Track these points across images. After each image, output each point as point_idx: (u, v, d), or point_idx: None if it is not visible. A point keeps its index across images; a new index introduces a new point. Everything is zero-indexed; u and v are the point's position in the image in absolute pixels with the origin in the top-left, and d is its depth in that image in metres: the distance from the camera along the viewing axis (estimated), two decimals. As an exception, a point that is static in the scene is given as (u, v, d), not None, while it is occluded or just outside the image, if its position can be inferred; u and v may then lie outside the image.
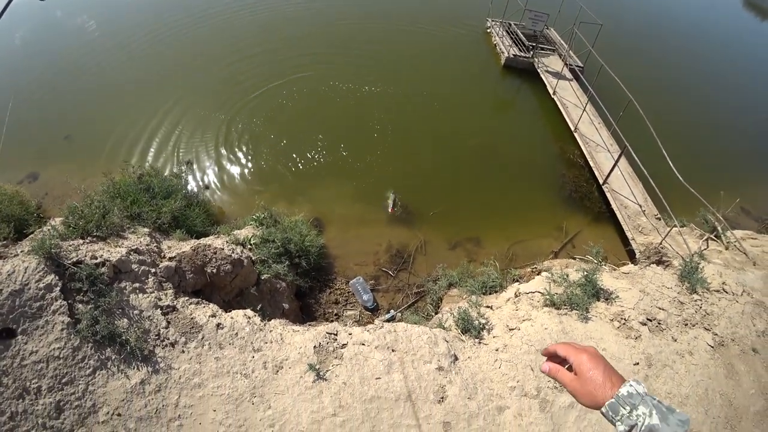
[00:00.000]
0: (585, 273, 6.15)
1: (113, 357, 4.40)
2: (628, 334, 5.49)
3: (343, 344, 4.96)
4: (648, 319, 5.69)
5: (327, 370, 4.67)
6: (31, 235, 5.38)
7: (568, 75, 12.23)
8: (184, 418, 4.33)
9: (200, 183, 9.35)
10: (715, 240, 8.56)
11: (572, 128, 10.73)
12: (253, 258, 7.26)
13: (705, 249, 8.33)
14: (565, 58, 12.61)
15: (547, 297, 5.96)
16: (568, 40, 13.02)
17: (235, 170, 9.90)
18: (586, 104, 10.64)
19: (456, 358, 5.01)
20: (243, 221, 8.47)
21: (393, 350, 4.91)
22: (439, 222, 9.71)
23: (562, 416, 4.63)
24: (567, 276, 6.39)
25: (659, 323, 5.68)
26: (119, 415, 4.23)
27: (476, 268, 8.30)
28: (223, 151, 10.23)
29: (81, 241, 5.05)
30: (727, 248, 8.33)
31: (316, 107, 11.73)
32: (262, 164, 10.07)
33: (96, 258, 4.89)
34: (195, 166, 9.61)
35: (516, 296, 6.34)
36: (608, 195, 9.50)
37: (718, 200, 8.89)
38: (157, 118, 10.91)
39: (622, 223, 9.17)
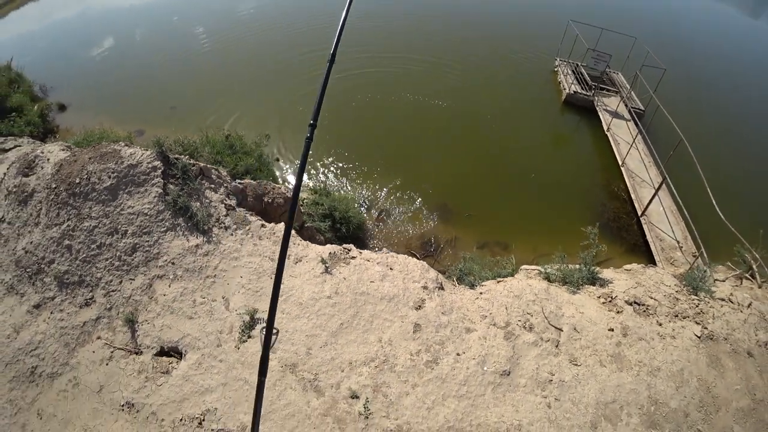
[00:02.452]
0: (584, 257, 6.62)
1: (182, 224, 5.92)
2: (611, 308, 5.84)
3: (353, 256, 6.03)
4: (635, 302, 5.98)
5: (334, 268, 5.74)
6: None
7: (626, 115, 12.64)
8: (217, 278, 5.64)
9: (273, 153, 11.25)
10: (749, 279, 8.29)
11: (620, 162, 11.08)
12: (302, 210, 8.73)
13: (737, 286, 8.14)
14: (626, 100, 13.09)
15: (542, 271, 6.51)
16: (633, 83, 13.49)
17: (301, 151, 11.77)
18: (636, 136, 11.02)
19: (442, 288, 5.80)
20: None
21: (391, 268, 5.86)
22: (474, 224, 10.51)
23: (525, 349, 5.16)
24: (567, 264, 6.85)
25: (647, 308, 5.94)
26: (173, 264, 5.67)
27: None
28: (293, 134, 12.24)
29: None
30: (760, 287, 8.05)
31: (385, 109, 13.51)
32: (327, 149, 11.81)
33: (189, 161, 6.61)
34: (271, 140, 11.60)
35: (517, 272, 6.94)
36: (645, 226, 9.64)
37: (758, 241, 8.65)
38: (248, 101, 13.53)
39: (654, 254, 9.24)
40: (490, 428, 4.43)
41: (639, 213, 9.89)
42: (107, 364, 5.06)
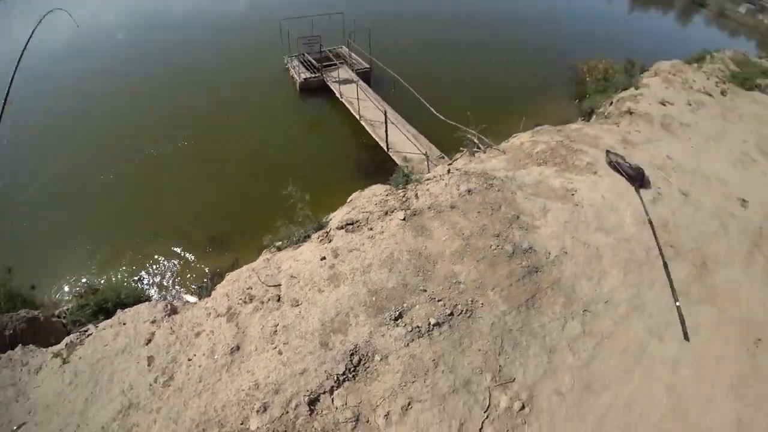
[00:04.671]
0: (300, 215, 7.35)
1: None
2: (324, 241, 6.65)
3: (89, 333, 6.05)
4: (347, 224, 6.86)
5: (72, 353, 5.73)
6: None
7: (355, 78, 14.29)
8: None
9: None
10: (479, 149, 10.01)
11: (357, 117, 12.50)
12: (64, 321, 8.26)
13: (470, 161, 9.76)
14: (351, 66, 14.76)
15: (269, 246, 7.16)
16: (357, 49, 15.27)
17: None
18: (357, 84, 12.59)
19: (175, 312, 6.05)
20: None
21: (124, 323, 6.03)
22: (252, 237, 10.34)
23: (248, 320, 5.55)
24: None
25: (357, 223, 6.88)
26: None
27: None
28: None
29: None
30: (485, 152, 9.78)
31: (128, 176, 12.81)
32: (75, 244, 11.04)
33: None
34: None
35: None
36: (392, 156, 11.03)
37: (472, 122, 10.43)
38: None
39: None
40: (232, 402, 4.85)
41: (386, 149, 11.28)
42: None
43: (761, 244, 9.01)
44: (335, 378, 5.05)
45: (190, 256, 10.55)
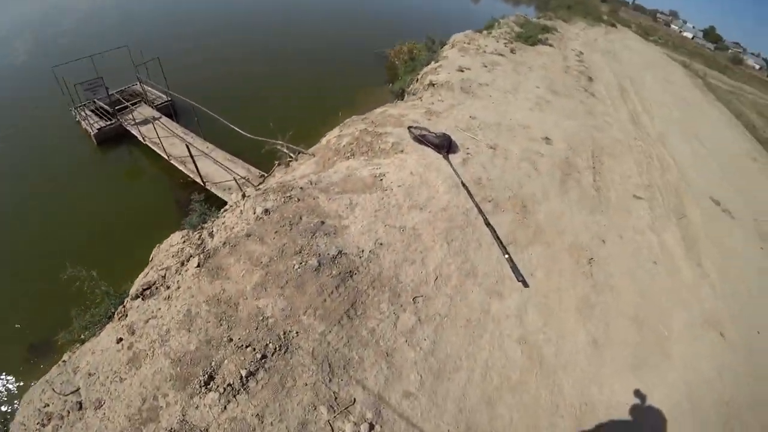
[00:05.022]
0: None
1: None
2: (121, 320, 5.41)
3: None
4: (139, 295, 5.68)
5: None
6: None
7: (157, 115, 12.72)
8: None
9: None
10: (292, 158, 9.34)
11: (166, 157, 11.03)
12: None
13: (286, 172, 9.04)
14: (151, 103, 13.13)
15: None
16: (151, 84, 13.55)
17: None
18: (157, 121, 11.12)
19: None
20: None
21: None
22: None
23: None
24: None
25: (155, 287, 5.70)
26: None
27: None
28: None
29: None
30: (297, 159, 9.17)
31: None
32: None
33: None
34: None
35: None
36: (210, 189, 9.87)
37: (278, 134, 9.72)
38: None
39: (229, 201, 9.55)
40: None
41: (202, 183, 10.08)
42: None
43: (570, 171, 9.92)
44: (154, 478, 4.01)
45: (9, 378, 8.37)
